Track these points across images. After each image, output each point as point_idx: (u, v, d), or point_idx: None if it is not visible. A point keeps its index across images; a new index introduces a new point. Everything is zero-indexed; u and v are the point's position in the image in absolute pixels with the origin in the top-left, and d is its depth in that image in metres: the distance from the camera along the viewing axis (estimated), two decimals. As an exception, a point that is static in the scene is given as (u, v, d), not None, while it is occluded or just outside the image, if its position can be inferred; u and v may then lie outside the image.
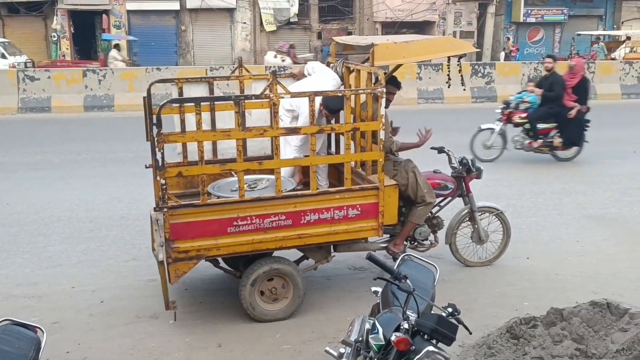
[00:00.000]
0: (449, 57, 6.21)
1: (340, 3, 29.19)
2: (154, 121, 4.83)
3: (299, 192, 5.36)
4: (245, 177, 5.73)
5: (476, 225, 6.49)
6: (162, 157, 4.78)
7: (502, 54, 26.86)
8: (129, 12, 27.09)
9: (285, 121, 5.97)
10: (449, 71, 6.15)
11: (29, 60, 23.90)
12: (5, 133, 13.83)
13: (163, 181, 4.82)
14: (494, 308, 5.62)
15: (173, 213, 4.90)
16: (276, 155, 5.14)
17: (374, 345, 3.12)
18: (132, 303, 5.74)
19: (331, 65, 6.39)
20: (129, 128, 14.42)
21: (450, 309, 3.19)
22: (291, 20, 28.37)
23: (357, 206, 5.37)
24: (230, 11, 28.19)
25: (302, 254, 5.80)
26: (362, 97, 5.83)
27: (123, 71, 17.98)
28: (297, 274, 5.40)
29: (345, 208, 5.34)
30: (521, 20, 30.61)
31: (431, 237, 6.29)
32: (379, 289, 3.89)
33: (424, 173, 6.28)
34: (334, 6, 29.13)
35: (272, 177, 5.79)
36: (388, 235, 6.03)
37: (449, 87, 6.49)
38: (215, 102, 5.87)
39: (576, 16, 31.20)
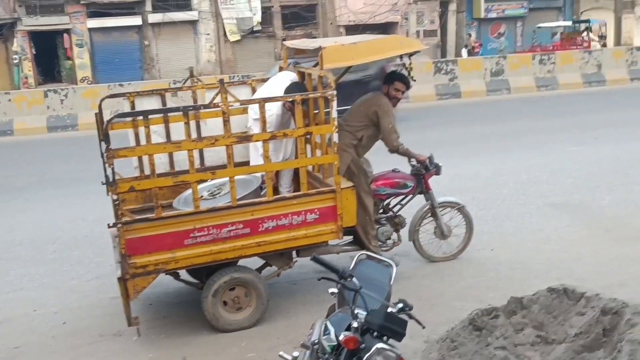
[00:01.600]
0: (401, 56, 6.23)
1: (303, 9, 29.24)
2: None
3: (255, 200, 5.33)
4: (209, 183, 5.75)
5: (438, 221, 6.51)
6: (113, 173, 4.74)
7: (464, 51, 27.07)
8: (90, 30, 26.78)
9: (255, 130, 5.93)
10: (411, 68, 6.16)
11: (-10, 85, 23.61)
12: (-34, 159, 13.60)
13: (115, 197, 4.77)
14: (460, 301, 5.63)
15: (128, 228, 4.84)
16: (229, 164, 5.10)
17: (326, 346, 3.10)
18: (96, 322, 5.66)
19: (283, 69, 6.39)
20: (94, 146, 14.23)
21: (400, 305, 3.18)
22: (255, 29, 28.33)
23: (315, 210, 5.34)
24: (192, 23, 28.05)
25: (264, 262, 5.76)
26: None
27: (85, 89, 17.83)
28: (259, 282, 5.36)
29: (303, 213, 5.31)
30: (483, 16, 30.97)
31: (394, 235, 6.31)
32: (337, 290, 3.87)
33: (383, 172, 6.30)
34: (296, 12, 29.15)
35: (237, 177, 5.78)
36: (351, 237, 6.03)
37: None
38: (170, 114, 5.83)
39: (536, 9, 31.63)
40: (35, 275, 6.80)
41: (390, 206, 6.38)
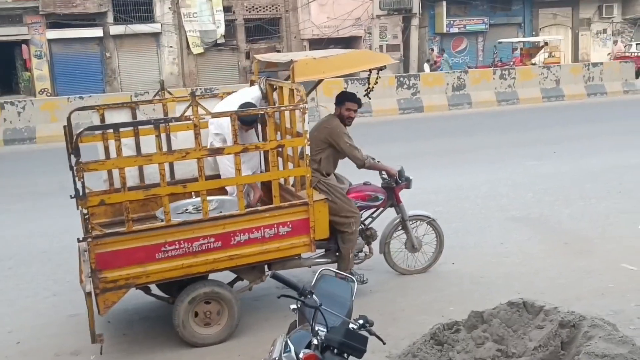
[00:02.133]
0: (370, 70, 6.29)
1: (267, 22, 29.30)
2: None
3: (227, 213, 5.28)
4: (193, 200, 5.79)
5: (409, 234, 6.54)
6: (83, 186, 4.67)
7: (426, 65, 27.42)
8: (49, 41, 26.38)
9: (216, 145, 5.90)
10: (376, 83, 6.23)
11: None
12: None
13: (85, 211, 4.68)
14: (422, 315, 5.65)
15: (98, 242, 4.77)
16: (200, 177, 5.07)
17: (287, 365, 3.06)
18: (51, 341, 5.50)
19: (254, 83, 6.39)
20: (53, 160, 13.91)
21: (361, 321, 3.16)
22: (218, 41, 28.26)
23: (288, 223, 5.33)
24: (155, 36, 27.87)
25: (235, 275, 5.70)
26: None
27: (43, 102, 17.51)
28: (234, 301, 5.32)
29: (275, 226, 5.29)
30: (445, 31, 31.41)
31: (366, 248, 6.32)
32: (298, 307, 3.83)
33: (354, 185, 6.32)
34: (260, 26, 29.20)
35: (221, 197, 5.83)
36: (323, 250, 6.03)
37: (368, 97, 6.54)
38: (140, 127, 5.79)
39: (497, 25, 32.26)
40: (-11, 293, 6.61)
41: (361, 219, 6.39)
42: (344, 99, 6.16)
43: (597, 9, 33.56)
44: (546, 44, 28.35)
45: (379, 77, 6.36)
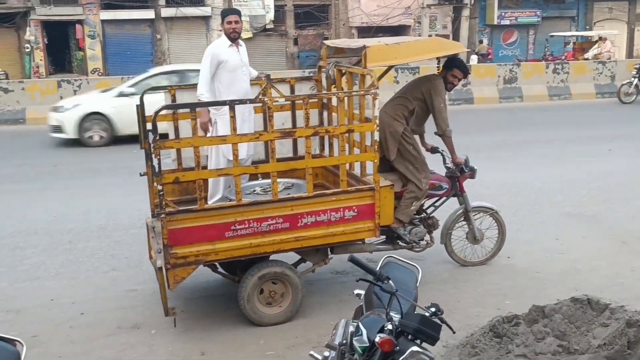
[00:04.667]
0: (438, 59, 6.26)
1: (316, 9, 29.26)
2: (149, 128, 4.81)
3: (296, 195, 5.36)
4: (261, 181, 5.93)
5: (471, 225, 6.52)
6: (159, 163, 4.76)
7: (474, 57, 26.98)
8: (103, 21, 26.84)
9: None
10: (439, 71, 6.22)
11: (2, 72, 23.64)
12: (-21, 146, 13.63)
13: (160, 187, 4.79)
14: (477, 307, 5.64)
15: (171, 219, 4.88)
16: (272, 158, 5.14)
17: (358, 348, 3.10)
18: (113, 314, 5.66)
19: (323, 68, 6.42)
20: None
21: (433, 309, 3.19)
22: (267, 26, 28.37)
23: (354, 207, 5.38)
24: (205, 19, 28.10)
25: (299, 257, 5.79)
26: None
27: (98, 81, 17.86)
28: (296, 278, 5.42)
29: (341, 210, 5.35)
30: (495, 23, 30.89)
31: (427, 237, 6.30)
32: (362, 292, 3.87)
33: None
34: (309, 12, 29.18)
35: (289, 180, 5.92)
36: (384, 237, 6.06)
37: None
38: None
39: (549, 18, 31.58)
40: (51, 265, 6.81)
41: (424, 207, 6.39)
42: (454, 65, 6.15)
43: (655, 4, 32.58)
44: (600, 38, 27.61)
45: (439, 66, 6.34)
